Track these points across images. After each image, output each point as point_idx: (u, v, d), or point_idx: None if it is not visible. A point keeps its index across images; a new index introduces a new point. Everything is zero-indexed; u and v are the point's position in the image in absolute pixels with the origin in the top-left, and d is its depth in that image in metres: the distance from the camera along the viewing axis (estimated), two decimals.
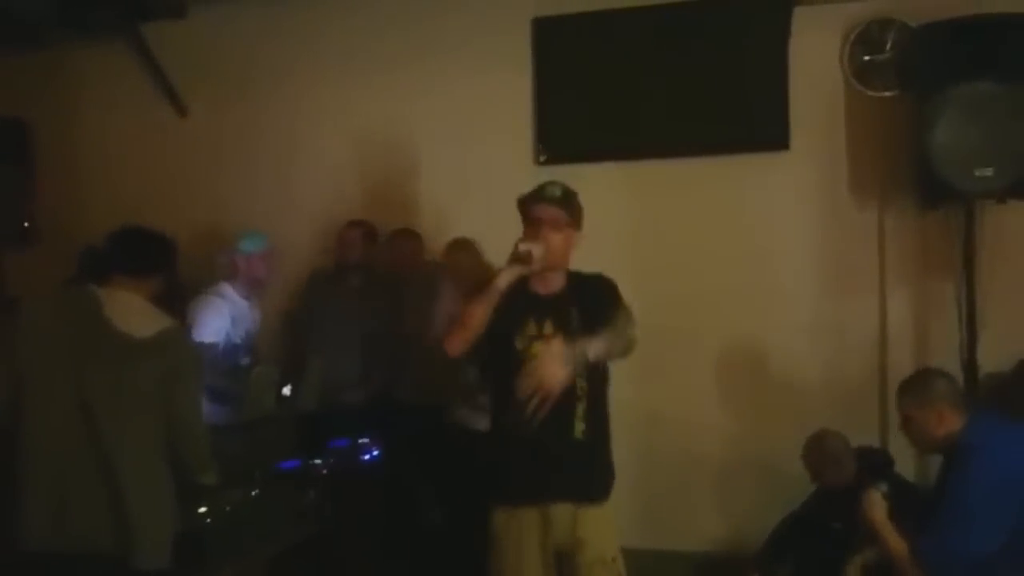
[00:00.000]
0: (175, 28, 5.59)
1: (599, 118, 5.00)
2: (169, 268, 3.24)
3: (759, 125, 4.80)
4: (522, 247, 2.87)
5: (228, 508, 3.34)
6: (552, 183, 3.05)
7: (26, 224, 5.33)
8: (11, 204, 5.40)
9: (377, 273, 5.03)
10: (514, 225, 3.11)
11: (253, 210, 5.50)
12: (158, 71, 5.62)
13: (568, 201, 3.03)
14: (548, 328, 2.96)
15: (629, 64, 4.95)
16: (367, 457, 4.21)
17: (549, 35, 5.09)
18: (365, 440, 4.26)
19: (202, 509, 3.28)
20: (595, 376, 2.96)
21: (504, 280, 2.90)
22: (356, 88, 5.40)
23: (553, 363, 2.78)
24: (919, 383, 3.25)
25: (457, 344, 2.95)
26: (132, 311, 2.96)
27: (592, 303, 3.00)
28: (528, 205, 3.00)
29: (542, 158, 5.11)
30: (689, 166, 4.89)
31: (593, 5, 4.97)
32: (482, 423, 3.47)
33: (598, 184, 4.95)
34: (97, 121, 5.76)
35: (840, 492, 3.88)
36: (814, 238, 4.82)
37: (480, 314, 2.91)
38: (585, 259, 4.85)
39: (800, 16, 4.74)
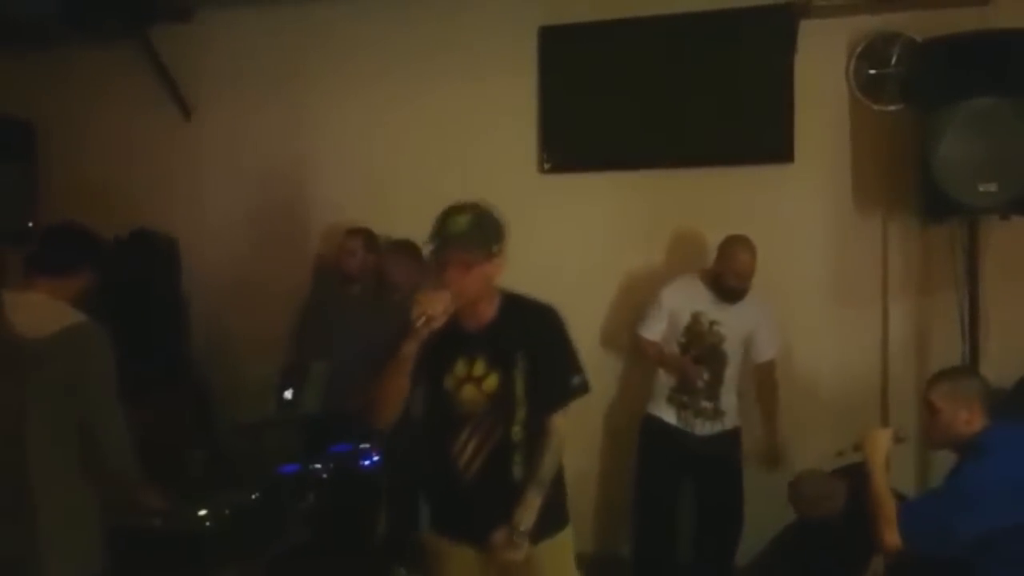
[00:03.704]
0: (181, 31, 5.59)
1: (604, 127, 5.00)
2: (93, 266, 3.02)
3: (764, 137, 4.81)
4: (416, 313, 2.57)
5: (228, 511, 3.34)
6: (456, 213, 2.68)
7: (30, 224, 5.34)
8: (15, 204, 5.42)
9: (378, 281, 5.02)
10: (518, 236, 3.03)
11: (256, 212, 5.52)
12: (164, 73, 5.63)
13: (476, 233, 2.66)
14: (479, 367, 2.73)
15: (635, 74, 4.95)
16: (367, 462, 4.21)
17: (555, 44, 5.09)
18: (366, 445, 4.26)
19: (202, 512, 3.29)
20: (533, 417, 2.75)
21: (409, 348, 2.63)
22: (360, 93, 5.40)
23: (507, 554, 2.67)
24: (955, 377, 3.17)
25: (382, 419, 2.80)
26: (35, 311, 2.79)
27: (537, 350, 2.74)
28: (432, 243, 2.70)
29: (546, 166, 5.12)
30: (693, 177, 4.89)
31: (600, 15, 4.98)
32: None
33: (601, 193, 4.99)
34: (102, 122, 5.76)
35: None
36: (818, 250, 4.82)
37: (394, 386, 2.72)
38: (588, 266, 4.92)
39: (806, 29, 4.74)
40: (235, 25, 5.54)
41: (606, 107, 5.00)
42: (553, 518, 2.81)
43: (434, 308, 2.58)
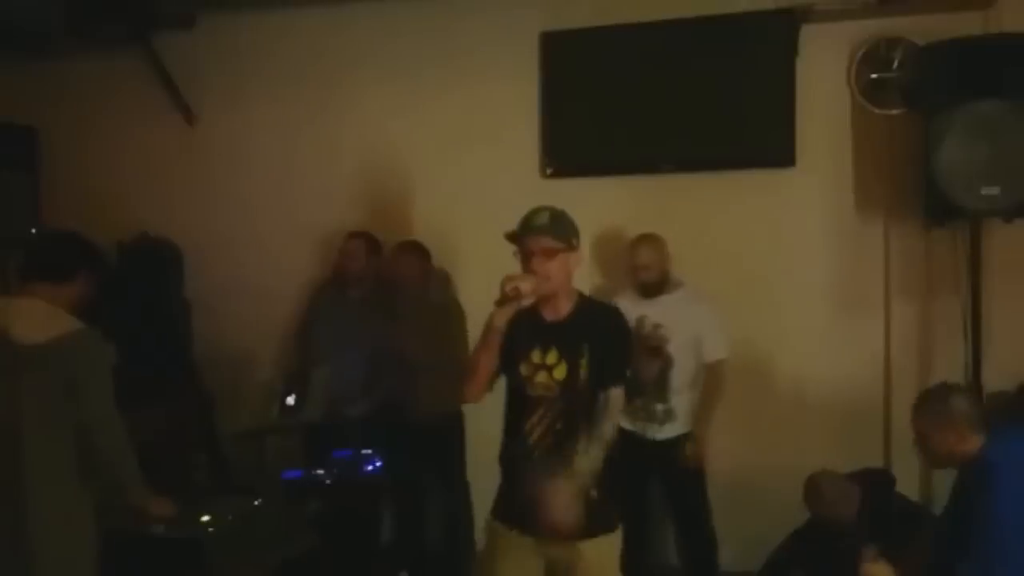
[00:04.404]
0: (184, 38, 5.60)
1: (606, 133, 5.00)
2: (91, 272, 3.03)
3: (766, 141, 4.80)
4: (508, 287, 2.83)
5: (231, 517, 3.34)
6: (539, 210, 2.97)
7: (34, 230, 5.35)
8: (19, 210, 5.44)
9: (379, 285, 5.04)
10: None
11: (259, 218, 5.53)
12: (167, 80, 5.64)
13: (557, 225, 2.96)
14: (552, 357, 2.95)
15: (636, 79, 4.95)
16: (369, 468, 4.22)
17: (557, 49, 5.10)
18: (368, 451, 4.27)
19: (205, 518, 3.29)
20: (596, 411, 2.92)
21: (500, 320, 2.88)
22: (363, 99, 5.41)
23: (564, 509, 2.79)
24: (936, 402, 3.15)
25: (471, 392, 3.01)
26: (32, 317, 2.80)
27: (602, 342, 2.95)
28: (517, 237, 2.95)
29: (548, 171, 5.12)
30: (695, 182, 4.90)
31: (601, 20, 4.98)
32: None
33: (604, 198, 4.98)
34: (106, 129, 5.77)
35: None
36: (820, 255, 4.82)
37: (486, 359, 2.95)
38: (590, 273, 4.92)
39: (807, 33, 4.75)
40: (238, 32, 5.55)
41: (608, 112, 5.00)
42: (605, 518, 2.97)
43: (524, 285, 2.85)
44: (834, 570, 3.65)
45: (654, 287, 4.44)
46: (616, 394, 2.94)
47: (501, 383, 3.06)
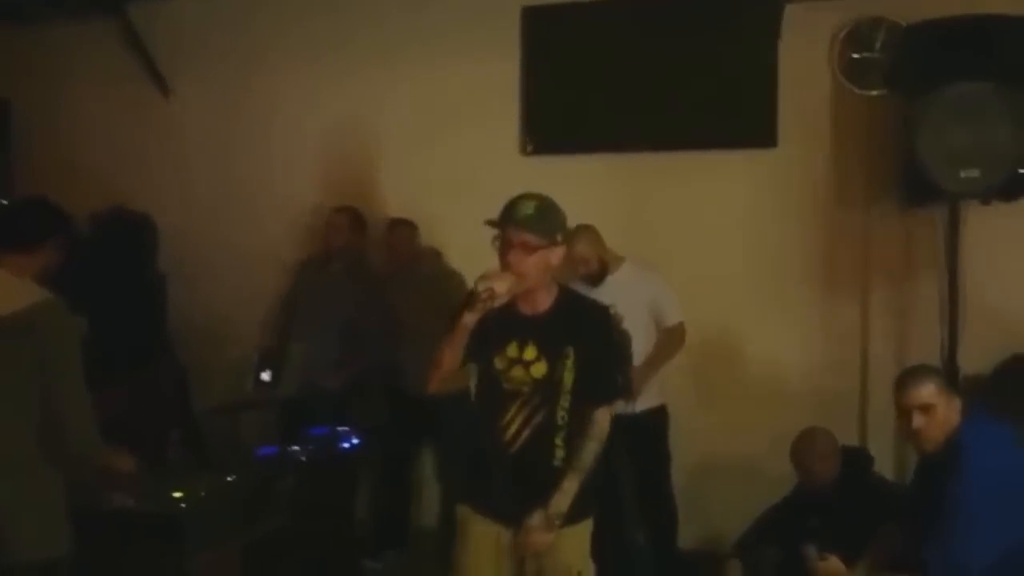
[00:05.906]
0: (160, 9, 5.54)
1: (587, 110, 4.99)
2: (59, 241, 2.95)
3: (747, 121, 4.80)
4: (482, 286, 2.66)
5: (203, 493, 3.32)
6: (526, 199, 2.79)
7: (5, 202, 5.27)
8: None
9: (362, 260, 5.03)
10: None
11: (234, 192, 5.48)
12: (142, 51, 5.58)
13: (542, 219, 2.76)
14: (530, 352, 2.83)
15: (618, 57, 4.93)
16: (346, 445, 4.20)
17: (539, 25, 5.07)
18: (344, 428, 4.25)
19: (177, 494, 3.26)
20: (577, 406, 2.85)
21: (470, 320, 2.72)
22: (341, 73, 5.37)
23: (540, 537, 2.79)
24: (935, 374, 3.15)
25: (434, 383, 2.90)
26: None
27: (590, 348, 2.85)
28: (499, 225, 2.79)
29: (528, 148, 5.10)
30: (676, 160, 4.89)
31: None
32: None
33: (583, 176, 4.97)
34: (79, 100, 5.71)
35: (821, 488, 3.88)
36: (799, 235, 4.82)
37: (451, 354, 2.81)
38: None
39: (790, 13, 4.73)
40: (215, 3, 5.50)
41: (589, 89, 4.98)
42: (581, 506, 2.88)
43: (499, 285, 2.69)
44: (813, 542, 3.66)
45: (597, 276, 4.40)
46: (602, 418, 2.87)
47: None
